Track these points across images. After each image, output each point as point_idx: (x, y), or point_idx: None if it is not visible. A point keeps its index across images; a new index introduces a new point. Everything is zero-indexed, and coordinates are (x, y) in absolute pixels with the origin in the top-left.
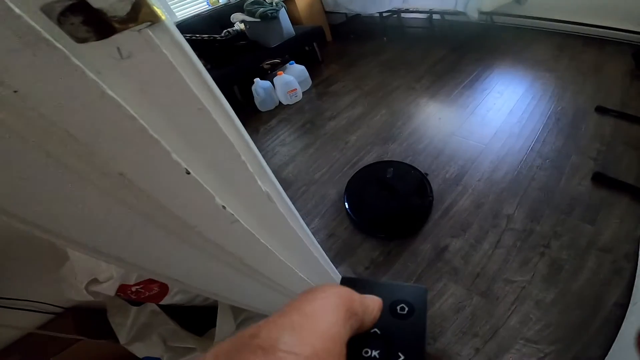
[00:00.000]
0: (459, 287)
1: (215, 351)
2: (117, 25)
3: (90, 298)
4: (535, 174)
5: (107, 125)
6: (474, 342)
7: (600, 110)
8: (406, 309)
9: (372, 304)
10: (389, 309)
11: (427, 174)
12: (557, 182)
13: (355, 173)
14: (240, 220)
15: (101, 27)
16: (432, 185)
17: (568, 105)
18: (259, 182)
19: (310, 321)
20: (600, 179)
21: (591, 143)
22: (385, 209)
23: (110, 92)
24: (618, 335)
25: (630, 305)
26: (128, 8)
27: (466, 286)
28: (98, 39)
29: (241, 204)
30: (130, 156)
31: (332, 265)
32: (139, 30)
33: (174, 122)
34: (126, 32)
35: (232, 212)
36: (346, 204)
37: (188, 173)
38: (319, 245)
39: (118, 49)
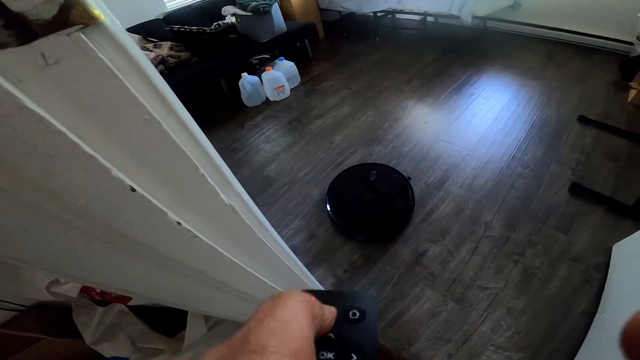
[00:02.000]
0: (435, 292)
1: (212, 356)
2: (40, 29)
3: (51, 298)
4: (515, 182)
5: (29, 140)
6: (447, 347)
7: (583, 120)
8: (357, 314)
9: (328, 311)
10: (343, 315)
11: (410, 178)
12: (535, 190)
13: (339, 174)
14: (200, 235)
15: (23, 31)
16: (414, 189)
17: (552, 114)
18: (222, 195)
19: (287, 326)
20: (577, 190)
21: (571, 153)
22: (366, 211)
23: (30, 105)
24: (583, 344)
25: (597, 314)
26: (54, 10)
27: (442, 292)
28: (19, 45)
29: (202, 218)
30: (61, 174)
31: (307, 272)
32: (69, 34)
33: (116, 135)
34: (52, 37)
35: (190, 228)
36: (328, 205)
37: (133, 190)
38: (292, 254)
39: (42, 54)
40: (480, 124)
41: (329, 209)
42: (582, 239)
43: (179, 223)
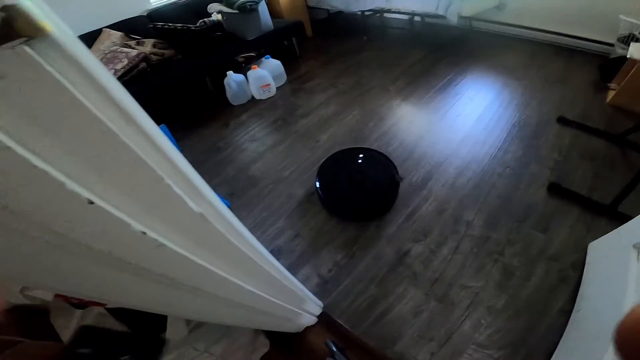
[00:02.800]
0: (418, 291)
1: None
2: None
3: (27, 301)
4: (495, 182)
5: None
6: (430, 346)
7: (562, 120)
8: None
9: None
10: None
11: (402, 179)
12: (515, 190)
13: (328, 157)
14: (168, 244)
15: None
16: (399, 189)
17: (532, 114)
18: (190, 204)
19: None
20: (555, 189)
21: (550, 153)
22: (354, 191)
23: None
24: (560, 341)
25: (573, 312)
26: None
27: (425, 291)
28: None
29: (170, 226)
30: (11, 188)
31: (287, 273)
32: (13, 47)
33: (72, 148)
34: None
35: (156, 237)
36: (317, 184)
37: (91, 203)
38: (270, 257)
39: None
40: (464, 123)
41: (317, 185)
42: (559, 237)
43: (143, 233)
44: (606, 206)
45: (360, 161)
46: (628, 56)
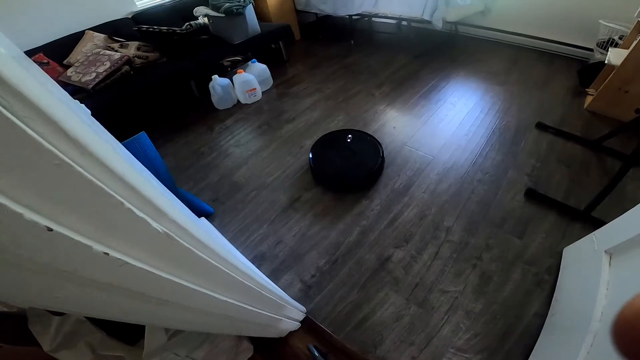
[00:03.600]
0: (399, 296)
1: None
2: None
3: (4, 309)
4: (475, 188)
5: None
6: (410, 350)
7: (540, 126)
8: None
9: None
10: None
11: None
12: (493, 196)
13: (320, 138)
14: (132, 262)
15: None
16: (380, 195)
17: (512, 120)
18: (154, 225)
19: None
20: (532, 195)
21: (528, 159)
22: (344, 165)
23: None
24: (536, 344)
25: (548, 316)
26: None
27: (405, 296)
28: None
29: (133, 246)
30: None
31: (266, 282)
32: None
33: (27, 181)
34: None
35: (119, 257)
36: (310, 160)
37: (50, 230)
38: (246, 267)
39: None
40: (446, 129)
41: (310, 157)
42: (535, 243)
43: (106, 253)
44: (580, 211)
45: (349, 140)
46: (606, 62)
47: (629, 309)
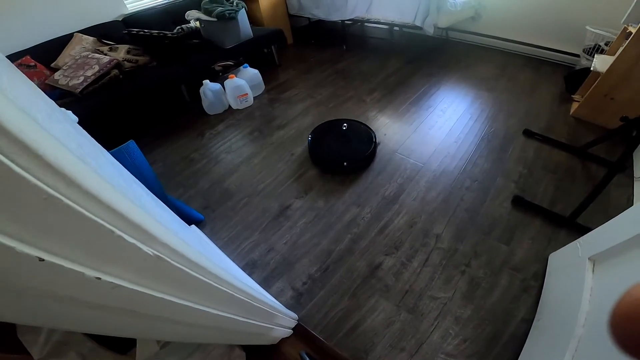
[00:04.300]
0: (389, 303)
1: None
2: None
3: None
4: (464, 195)
5: None
6: (401, 356)
7: (527, 133)
8: None
9: None
10: None
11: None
12: (481, 203)
13: (318, 125)
14: (124, 284)
15: None
16: (371, 203)
17: (500, 127)
18: (145, 249)
19: None
20: (518, 202)
21: (515, 166)
22: (340, 150)
23: None
24: (523, 349)
25: (534, 321)
26: None
27: (396, 302)
28: None
29: (125, 269)
30: None
31: (257, 293)
32: None
33: (18, 216)
34: None
35: (111, 280)
36: (309, 144)
37: (42, 260)
38: (237, 280)
39: None
40: (436, 136)
41: (309, 139)
42: (521, 249)
43: (98, 278)
44: (566, 218)
45: (344, 127)
46: (592, 69)
47: (626, 301)
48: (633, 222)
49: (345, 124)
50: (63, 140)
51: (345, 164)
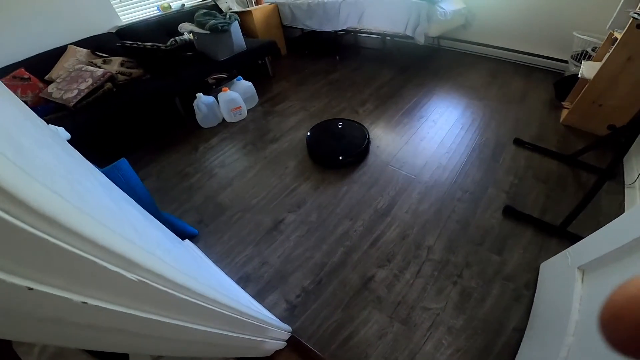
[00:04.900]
0: (382, 314)
1: None
2: None
3: None
4: (455, 207)
5: None
6: None
7: (518, 142)
8: None
9: None
10: None
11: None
12: (473, 214)
13: (316, 124)
14: (110, 307)
15: None
16: (363, 216)
17: (491, 137)
18: (129, 275)
19: None
20: (509, 212)
21: (506, 176)
22: (335, 146)
23: None
24: (515, 359)
25: (527, 330)
26: None
27: (388, 314)
28: None
29: (110, 294)
30: None
31: (248, 309)
32: None
33: (3, 252)
34: None
35: (97, 304)
36: (307, 141)
37: (31, 289)
38: (227, 298)
39: None
40: (427, 147)
41: (308, 135)
42: (513, 259)
43: (84, 302)
44: (557, 227)
45: (340, 126)
46: (579, 75)
47: (615, 299)
48: (622, 231)
49: (340, 123)
50: (51, 167)
51: (340, 157)
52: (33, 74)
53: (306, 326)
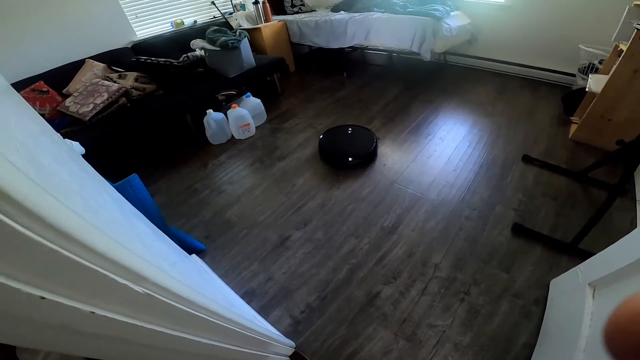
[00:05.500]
0: (387, 331)
1: None
2: None
3: None
4: (463, 225)
5: None
6: None
7: (526, 159)
8: None
9: None
10: None
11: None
12: (481, 232)
13: (327, 130)
14: (117, 317)
15: None
16: (370, 234)
17: (499, 154)
18: (136, 288)
19: None
20: (518, 230)
21: (514, 194)
22: (345, 149)
23: None
24: None
25: (536, 346)
26: None
27: (394, 331)
28: None
29: (118, 305)
30: None
31: (251, 323)
32: None
33: (20, 264)
34: None
35: (105, 314)
36: (319, 145)
37: (43, 298)
38: (230, 312)
39: None
40: (435, 165)
41: (320, 137)
42: (522, 276)
43: (92, 312)
44: (567, 244)
45: (349, 131)
46: (587, 89)
47: (619, 313)
48: (633, 247)
49: (350, 129)
50: (67, 183)
51: (350, 159)
52: (52, 87)
53: (310, 342)
